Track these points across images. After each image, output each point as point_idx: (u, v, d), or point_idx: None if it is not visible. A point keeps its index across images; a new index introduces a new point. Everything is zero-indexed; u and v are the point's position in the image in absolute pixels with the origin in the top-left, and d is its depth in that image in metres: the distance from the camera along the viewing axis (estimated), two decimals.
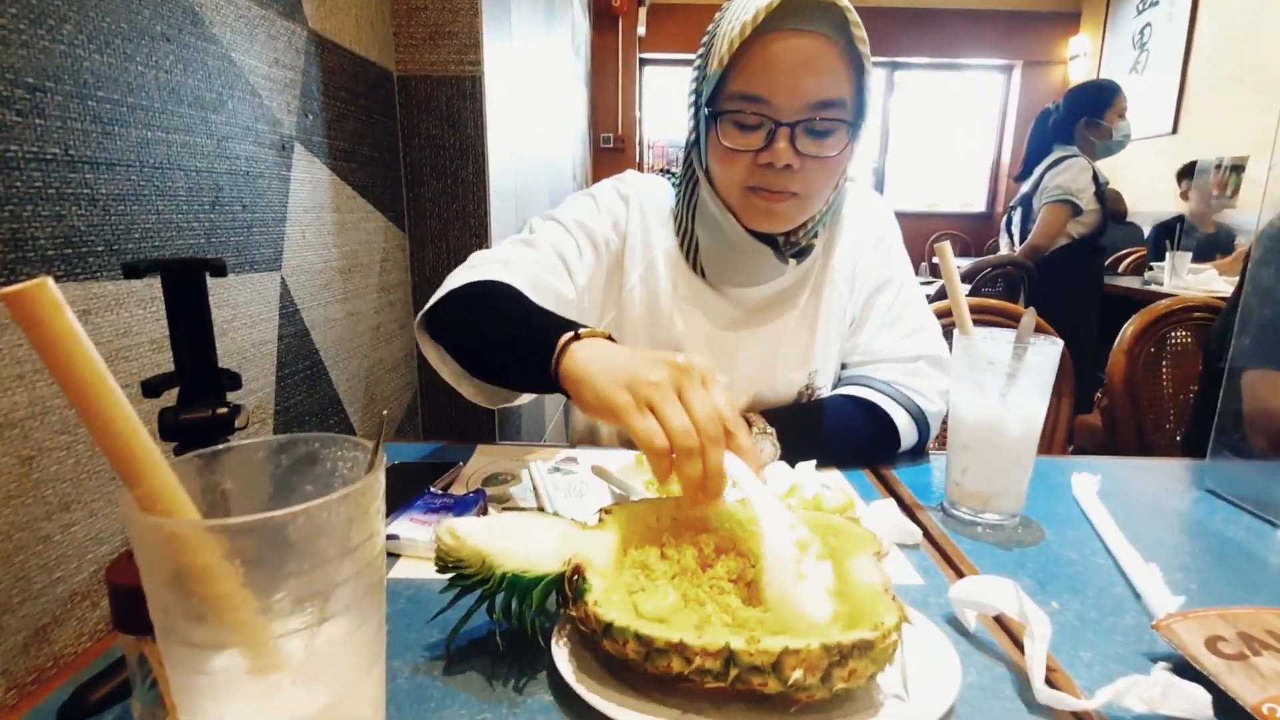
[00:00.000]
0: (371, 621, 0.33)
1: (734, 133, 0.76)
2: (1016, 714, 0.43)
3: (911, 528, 0.65)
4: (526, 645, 0.47)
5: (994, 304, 1.36)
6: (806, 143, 0.74)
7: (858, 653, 0.39)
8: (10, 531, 0.47)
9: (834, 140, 0.75)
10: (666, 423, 0.48)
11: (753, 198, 0.78)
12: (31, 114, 0.50)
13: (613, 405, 0.51)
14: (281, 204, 0.86)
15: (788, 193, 0.77)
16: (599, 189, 0.92)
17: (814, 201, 0.80)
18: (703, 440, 0.48)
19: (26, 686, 0.48)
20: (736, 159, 0.77)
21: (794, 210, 0.79)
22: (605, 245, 0.88)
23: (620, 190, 0.91)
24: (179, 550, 0.27)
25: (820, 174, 0.77)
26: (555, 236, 0.85)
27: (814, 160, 0.75)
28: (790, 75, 0.72)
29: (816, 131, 0.74)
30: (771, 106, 0.73)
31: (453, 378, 0.78)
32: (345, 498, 0.29)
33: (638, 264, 0.88)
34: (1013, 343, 0.65)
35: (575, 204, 0.90)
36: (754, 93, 0.73)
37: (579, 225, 0.87)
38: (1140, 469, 0.91)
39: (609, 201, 0.90)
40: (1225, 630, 0.47)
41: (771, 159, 0.74)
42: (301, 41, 0.90)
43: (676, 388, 0.50)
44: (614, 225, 0.89)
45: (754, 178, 0.77)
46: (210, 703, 0.29)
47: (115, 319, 0.57)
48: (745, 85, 0.74)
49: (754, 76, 0.73)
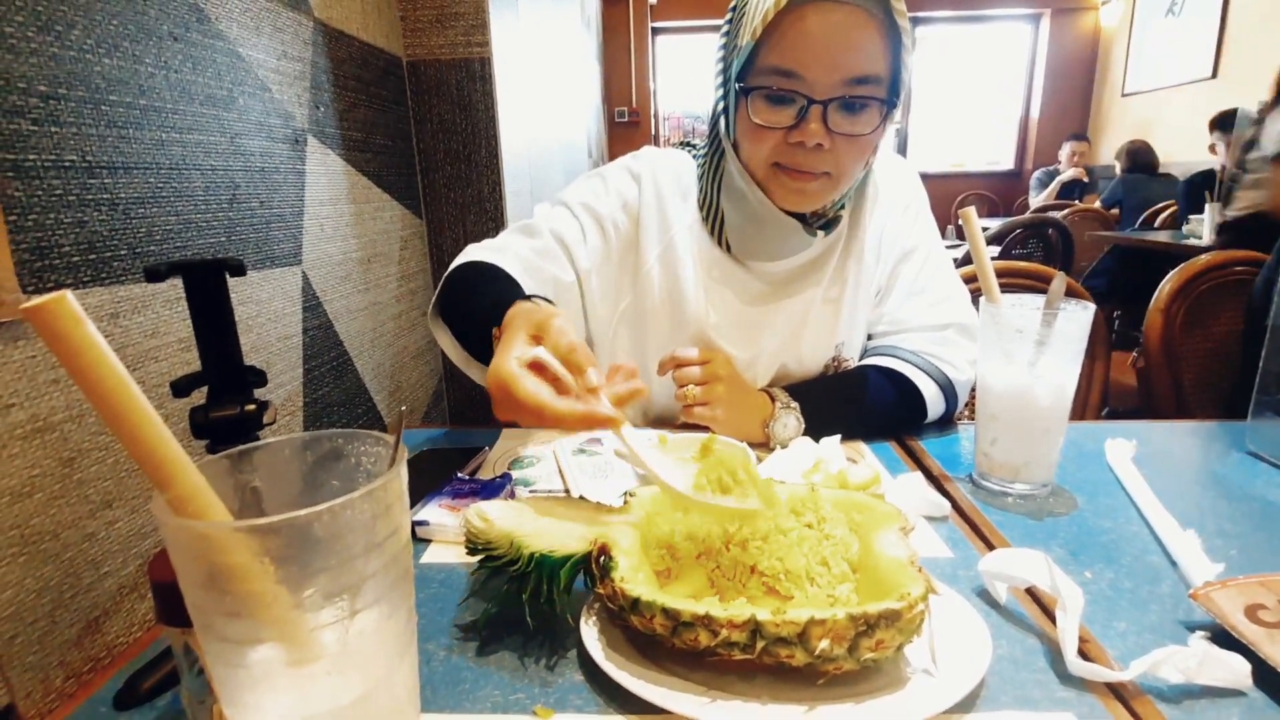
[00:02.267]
0: (401, 611, 0.34)
1: (764, 108, 0.73)
2: (1049, 686, 0.43)
3: (939, 500, 0.64)
4: (556, 625, 0.48)
5: (1024, 267, 1.32)
6: (839, 120, 0.72)
7: (884, 623, 0.38)
8: (57, 530, 0.49)
9: (867, 117, 0.73)
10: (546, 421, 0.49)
11: (782, 176, 0.76)
12: (47, 122, 0.50)
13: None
14: (298, 198, 0.86)
15: (818, 173, 0.75)
16: (609, 168, 0.90)
17: (845, 181, 0.78)
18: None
19: (83, 676, 0.51)
20: (766, 135, 0.74)
21: (824, 190, 0.77)
22: (614, 227, 0.87)
23: (632, 169, 0.89)
24: (210, 550, 0.28)
25: (851, 152, 0.74)
26: (557, 221, 0.85)
27: (846, 139, 0.73)
28: (825, 50, 0.69)
29: (850, 107, 0.72)
30: (805, 82, 0.70)
31: (461, 362, 0.79)
32: (368, 494, 0.30)
33: (655, 244, 0.87)
34: (1041, 309, 0.64)
35: (583, 185, 0.89)
36: (787, 67, 0.70)
37: (584, 208, 0.86)
38: (1178, 432, 0.89)
39: (618, 182, 0.88)
40: (1266, 598, 0.46)
41: (802, 138, 0.72)
42: (308, 32, 0.90)
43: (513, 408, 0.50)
44: (623, 206, 0.87)
45: (783, 155, 0.75)
46: (250, 694, 0.30)
47: (143, 320, 0.59)
48: (778, 59, 0.71)
49: (787, 50, 0.70)
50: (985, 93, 6.04)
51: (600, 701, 0.43)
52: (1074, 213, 3.71)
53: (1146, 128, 4.66)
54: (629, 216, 0.87)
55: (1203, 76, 4.40)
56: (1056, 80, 5.69)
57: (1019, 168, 5.96)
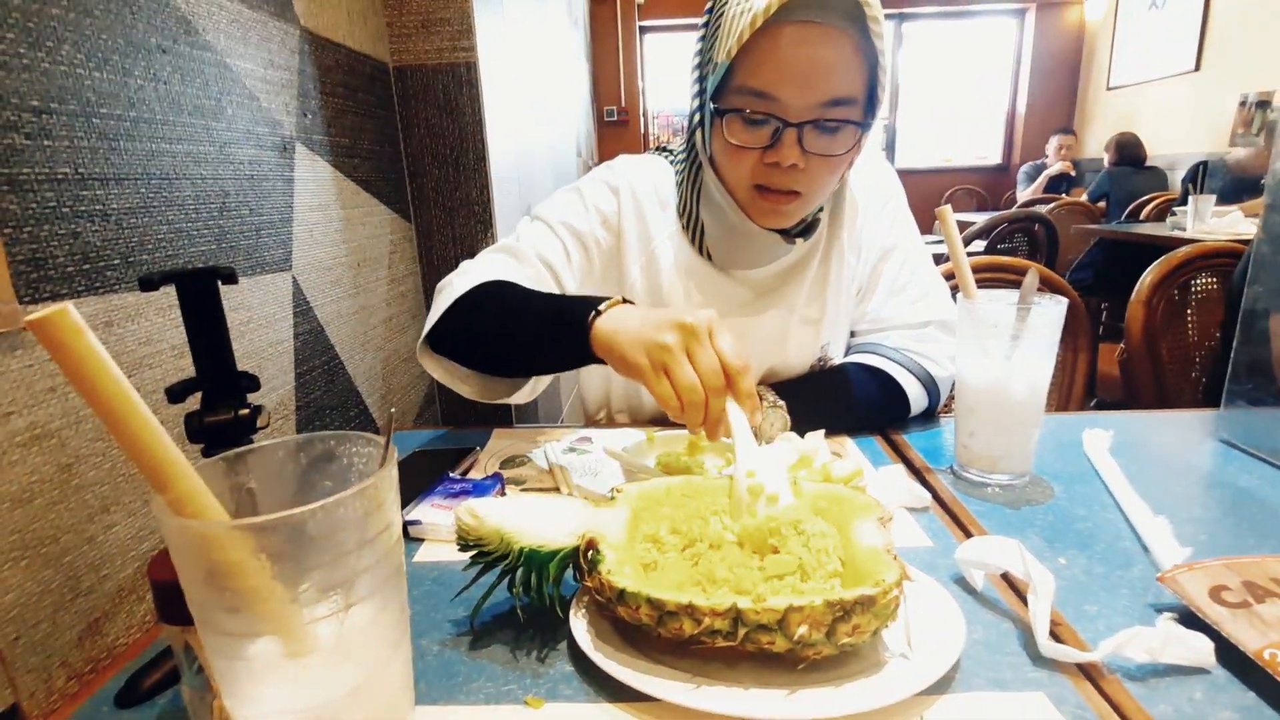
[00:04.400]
0: (394, 605, 0.35)
1: (740, 129, 0.74)
2: (1021, 668, 0.45)
3: (920, 491, 0.66)
4: (546, 618, 0.49)
5: (1005, 261, 1.34)
6: (814, 141, 0.72)
7: (860, 608, 0.40)
8: (57, 534, 0.50)
9: (842, 138, 0.73)
10: (676, 382, 0.56)
11: (758, 198, 0.77)
12: (39, 136, 0.51)
13: (636, 368, 0.59)
14: (287, 205, 0.87)
15: (792, 192, 0.76)
16: (586, 183, 0.89)
17: (818, 198, 0.79)
18: (706, 392, 0.55)
19: (85, 676, 0.52)
20: (743, 156, 0.75)
21: (799, 208, 0.78)
22: (596, 244, 0.87)
23: (610, 183, 0.88)
24: (209, 549, 0.29)
25: (825, 171, 0.75)
26: (541, 243, 0.84)
27: (820, 159, 0.73)
28: (800, 72, 0.69)
29: (825, 129, 0.72)
30: (779, 104, 0.71)
31: (457, 383, 0.80)
32: (360, 493, 0.31)
33: (637, 257, 0.87)
34: (1015, 304, 0.65)
35: (562, 203, 0.88)
36: (762, 89, 0.71)
37: (565, 227, 0.85)
38: (1154, 422, 0.91)
39: (596, 197, 0.87)
40: (1230, 579, 0.48)
41: (777, 159, 0.72)
42: (294, 41, 0.91)
43: (684, 347, 0.57)
44: (603, 222, 0.87)
45: (759, 176, 0.75)
46: (250, 686, 0.32)
47: (137, 329, 0.60)
48: (753, 80, 0.71)
49: (762, 71, 0.70)
50: (972, 88, 6.08)
51: (590, 691, 0.44)
52: (1060, 206, 3.75)
53: (1131, 121, 4.70)
54: (609, 231, 0.87)
55: (1186, 69, 4.45)
56: (1042, 74, 5.73)
57: (1006, 162, 6.00)
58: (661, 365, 0.57)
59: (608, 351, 0.62)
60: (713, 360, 0.56)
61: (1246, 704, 0.41)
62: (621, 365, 0.61)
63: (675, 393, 0.56)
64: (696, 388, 0.55)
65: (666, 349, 0.57)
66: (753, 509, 0.50)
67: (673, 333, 0.57)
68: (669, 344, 0.57)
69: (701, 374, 0.56)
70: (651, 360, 0.58)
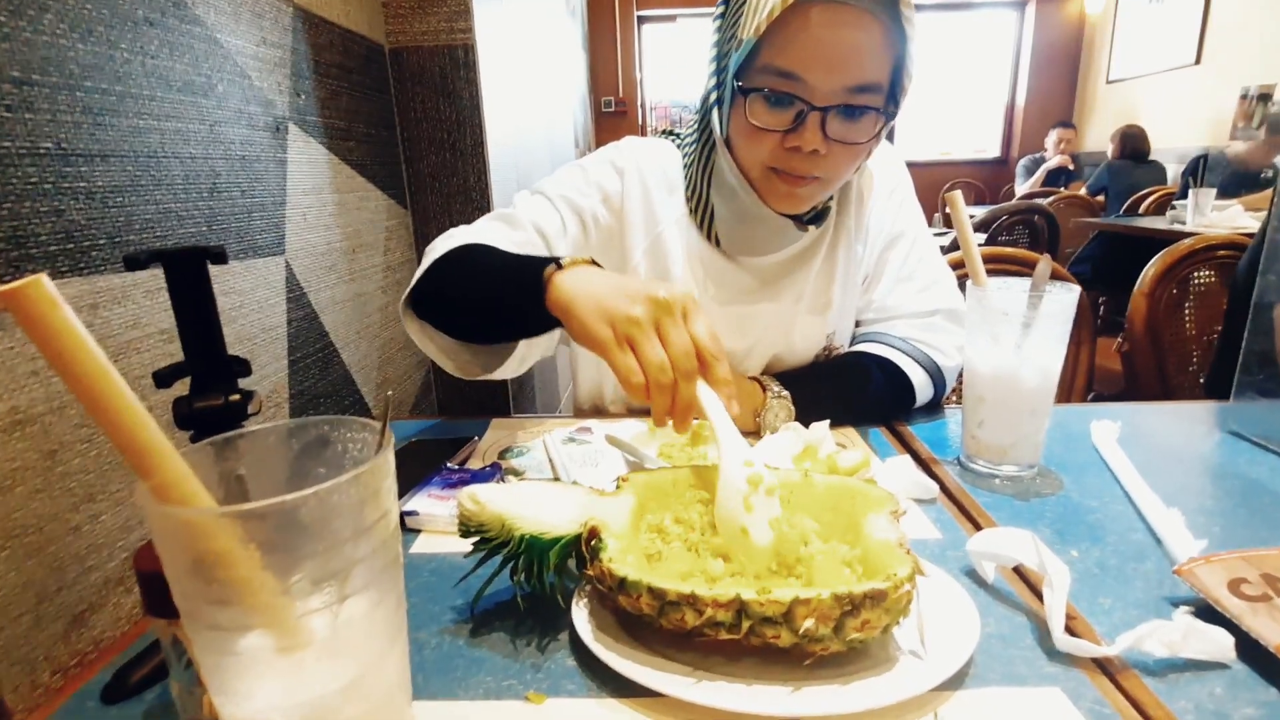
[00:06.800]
0: (391, 597, 0.33)
1: (763, 110, 0.71)
2: (1036, 663, 0.43)
3: (927, 483, 0.65)
4: (547, 609, 0.48)
5: (1010, 252, 1.33)
6: (837, 127, 0.70)
7: (870, 603, 0.39)
8: (40, 524, 0.49)
9: (865, 124, 0.71)
10: (643, 359, 0.51)
11: (775, 179, 0.75)
12: (20, 108, 0.49)
13: (596, 338, 0.53)
14: (280, 187, 0.85)
15: (810, 177, 0.74)
16: (591, 160, 0.88)
17: (834, 185, 0.78)
18: (676, 375, 0.50)
19: (70, 670, 0.50)
20: (763, 138, 0.73)
21: (816, 193, 0.76)
22: (595, 221, 0.85)
23: (616, 163, 0.86)
24: (195, 537, 0.27)
25: (845, 158, 0.73)
26: (537, 212, 0.82)
27: (842, 145, 0.71)
28: (829, 54, 0.67)
29: (849, 114, 0.70)
30: (805, 86, 0.68)
31: (437, 353, 0.77)
32: (355, 479, 0.29)
33: (641, 240, 0.85)
34: (1027, 291, 0.64)
35: (563, 176, 0.87)
36: (788, 69, 0.68)
37: (564, 199, 0.84)
38: (1162, 413, 0.90)
39: (600, 174, 0.86)
40: (1248, 572, 0.47)
41: (799, 143, 0.70)
42: (288, 18, 0.88)
43: (655, 323, 0.52)
44: (604, 199, 0.85)
45: (778, 159, 0.73)
46: (240, 682, 0.30)
47: (123, 311, 0.58)
48: (779, 59, 0.69)
49: (790, 51, 0.68)
50: (971, 81, 6.05)
51: (592, 685, 0.43)
52: (1060, 199, 3.74)
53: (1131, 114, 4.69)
54: (610, 210, 0.85)
55: (1187, 63, 4.43)
56: (1042, 68, 5.71)
57: (1005, 155, 5.99)
58: (626, 339, 0.52)
59: (565, 313, 0.57)
60: (685, 340, 0.51)
61: (1269, 699, 0.40)
62: (580, 332, 0.55)
63: (641, 370, 0.51)
64: (666, 368, 0.50)
65: (635, 321, 0.51)
66: (749, 502, 0.47)
67: (643, 305, 0.52)
68: (638, 316, 0.51)
69: (672, 355, 0.50)
70: (616, 332, 0.52)
